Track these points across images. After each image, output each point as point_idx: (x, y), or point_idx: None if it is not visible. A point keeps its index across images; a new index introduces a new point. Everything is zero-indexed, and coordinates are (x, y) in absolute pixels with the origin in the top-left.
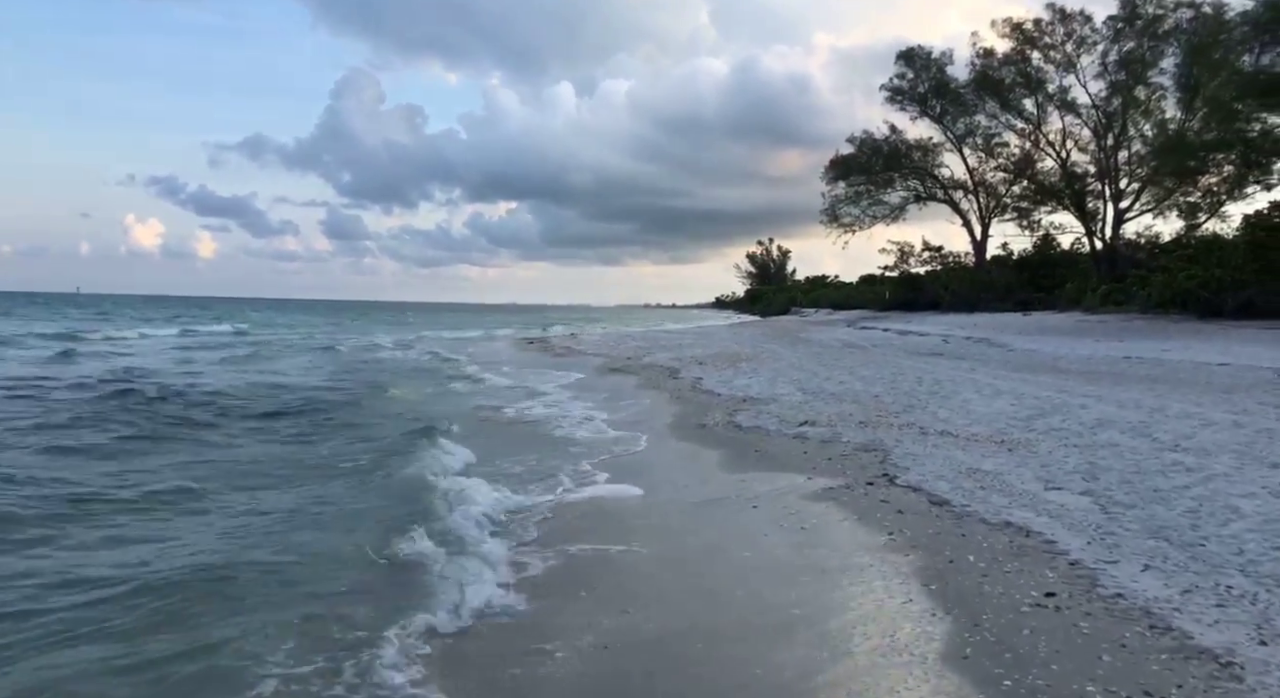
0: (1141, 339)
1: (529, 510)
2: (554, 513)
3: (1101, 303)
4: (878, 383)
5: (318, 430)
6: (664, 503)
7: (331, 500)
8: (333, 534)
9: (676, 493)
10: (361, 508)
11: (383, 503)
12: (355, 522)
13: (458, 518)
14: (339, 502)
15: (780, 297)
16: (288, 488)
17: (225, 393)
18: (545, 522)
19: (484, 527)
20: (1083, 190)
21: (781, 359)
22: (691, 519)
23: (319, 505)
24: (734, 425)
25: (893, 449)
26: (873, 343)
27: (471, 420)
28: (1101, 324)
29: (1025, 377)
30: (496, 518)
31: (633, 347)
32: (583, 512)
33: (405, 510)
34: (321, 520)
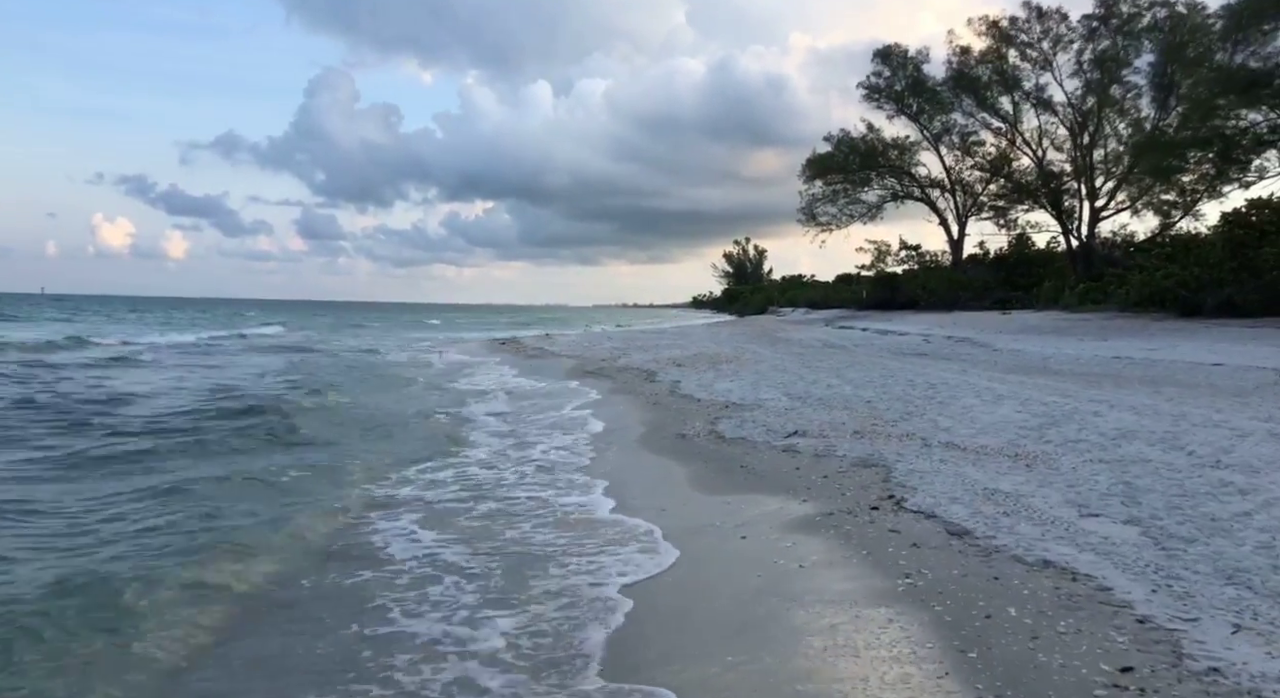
0: (1125, 338)
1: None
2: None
3: (1079, 302)
4: (868, 387)
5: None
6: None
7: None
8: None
9: (652, 519)
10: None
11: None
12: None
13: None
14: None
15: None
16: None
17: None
18: (496, 555)
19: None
20: (1059, 189)
21: (763, 361)
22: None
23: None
24: (716, 436)
25: (895, 465)
26: (854, 343)
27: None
28: (1082, 323)
29: (1021, 379)
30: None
31: (608, 348)
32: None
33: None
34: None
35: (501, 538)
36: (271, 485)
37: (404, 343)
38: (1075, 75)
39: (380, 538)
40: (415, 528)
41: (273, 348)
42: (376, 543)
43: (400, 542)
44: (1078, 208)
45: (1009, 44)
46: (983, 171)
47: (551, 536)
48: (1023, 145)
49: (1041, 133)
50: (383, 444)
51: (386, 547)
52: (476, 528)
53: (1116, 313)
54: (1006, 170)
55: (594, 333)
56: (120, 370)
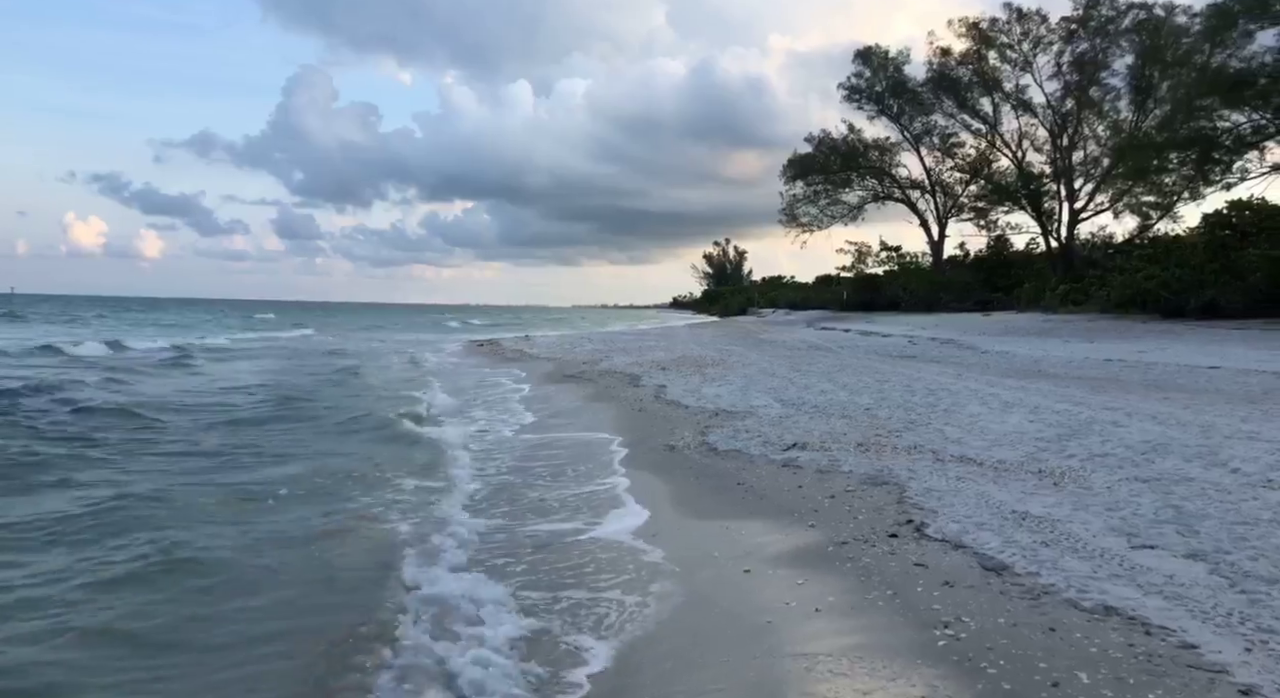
0: (1112, 340)
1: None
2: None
3: (1060, 303)
4: (864, 392)
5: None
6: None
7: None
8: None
9: (643, 547)
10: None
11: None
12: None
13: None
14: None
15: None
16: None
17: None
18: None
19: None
20: (1038, 190)
21: (751, 364)
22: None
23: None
24: (707, 448)
25: (908, 483)
26: (839, 344)
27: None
28: (1065, 324)
29: (1022, 384)
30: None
31: (589, 350)
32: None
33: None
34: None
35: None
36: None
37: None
38: (1055, 77)
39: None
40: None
41: (333, 352)
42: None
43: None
44: (1057, 209)
45: (989, 45)
46: (963, 173)
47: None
48: (1002, 147)
49: (1021, 134)
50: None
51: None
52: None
53: (1098, 314)
54: (986, 172)
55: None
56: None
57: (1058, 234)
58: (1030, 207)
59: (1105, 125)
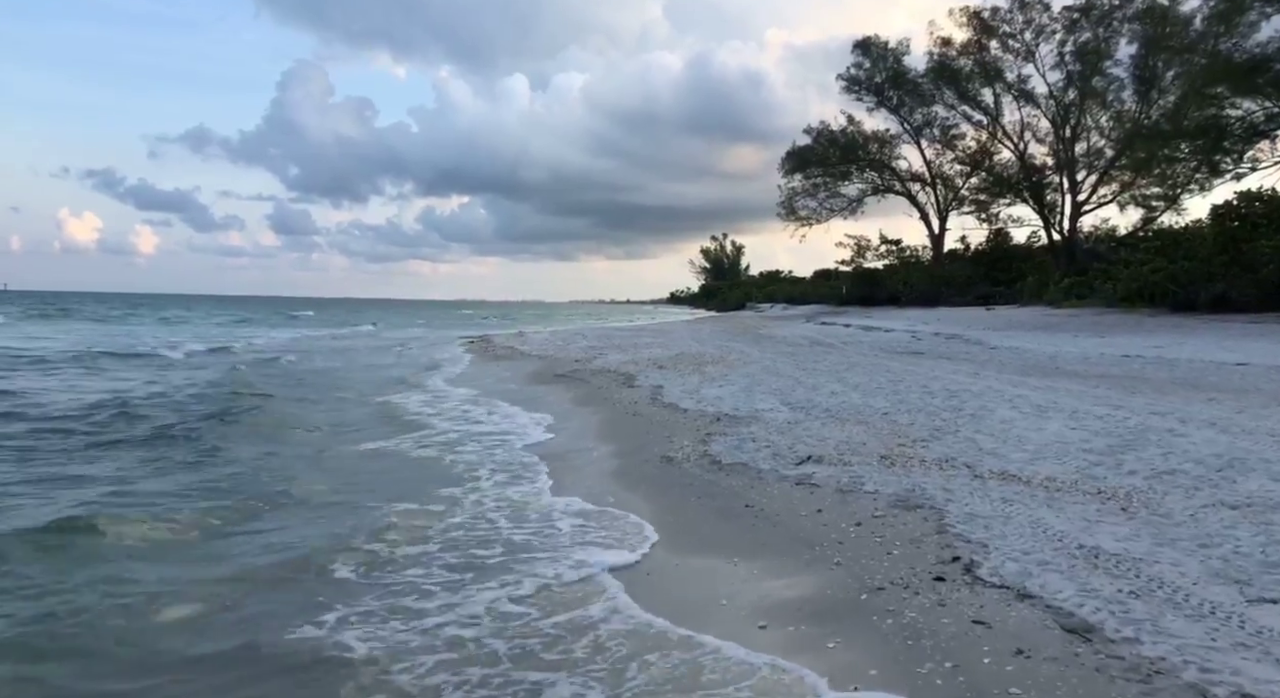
0: (1124, 335)
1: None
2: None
3: (1064, 297)
4: (878, 394)
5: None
6: (606, 620)
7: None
8: None
9: (632, 595)
10: None
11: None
12: None
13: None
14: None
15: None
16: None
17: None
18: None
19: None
20: (1040, 182)
21: (752, 361)
22: (649, 669)
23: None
24: (710, 460)
25: (945, 506)
26: (841, 340)
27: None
28: (1071, 319)
29: (1048, 384)
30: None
31: (583, 347)
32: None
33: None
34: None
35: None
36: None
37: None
38: (1057, 67)
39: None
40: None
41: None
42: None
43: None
44: (1060, 201)
45: (990, 35)
46: (963, 165)
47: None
48: (1004, 138)
49: (1023, 125)
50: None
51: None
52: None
53: (1104, 308)
54: (987, 164)
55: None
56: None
57: (1060, 227)
58: (1032, 199)
59: (1109, 116)
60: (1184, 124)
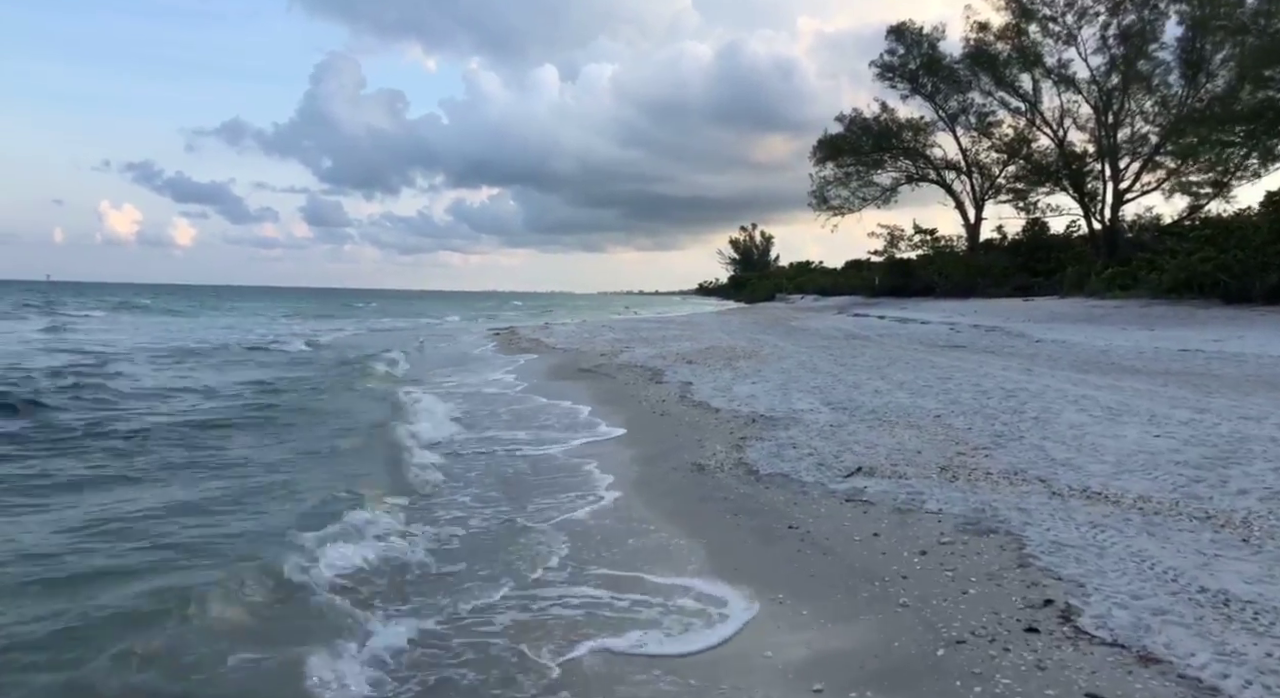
0: (1175, 328)
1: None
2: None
3: (1106, 288)
4: (926, 393)
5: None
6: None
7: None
8: None
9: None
10: None
11: None
12: None
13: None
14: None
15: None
16: None
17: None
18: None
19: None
20: (1081, 170)
21: (786, 356)
22: None
23: None
24: (746, 469)
25: (1023, 531)
26: (877, 333)
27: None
28: (1116, 310)
29: (1113, 382)
30: None
31: (609, 339)
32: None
33: None
34: None
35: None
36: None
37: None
38: (1100, 51)
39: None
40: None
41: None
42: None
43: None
44: (1101, 190)
45: (1030, 19)
46: (1000, 153)
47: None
48: (1042, 125)
49: (1063, 112)
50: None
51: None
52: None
53: (1150, 300)
54: (1025, 151)
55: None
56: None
57: (1101, 216)
58: (1072, 187)
59: (1154, 101)
60: (1236, 108)
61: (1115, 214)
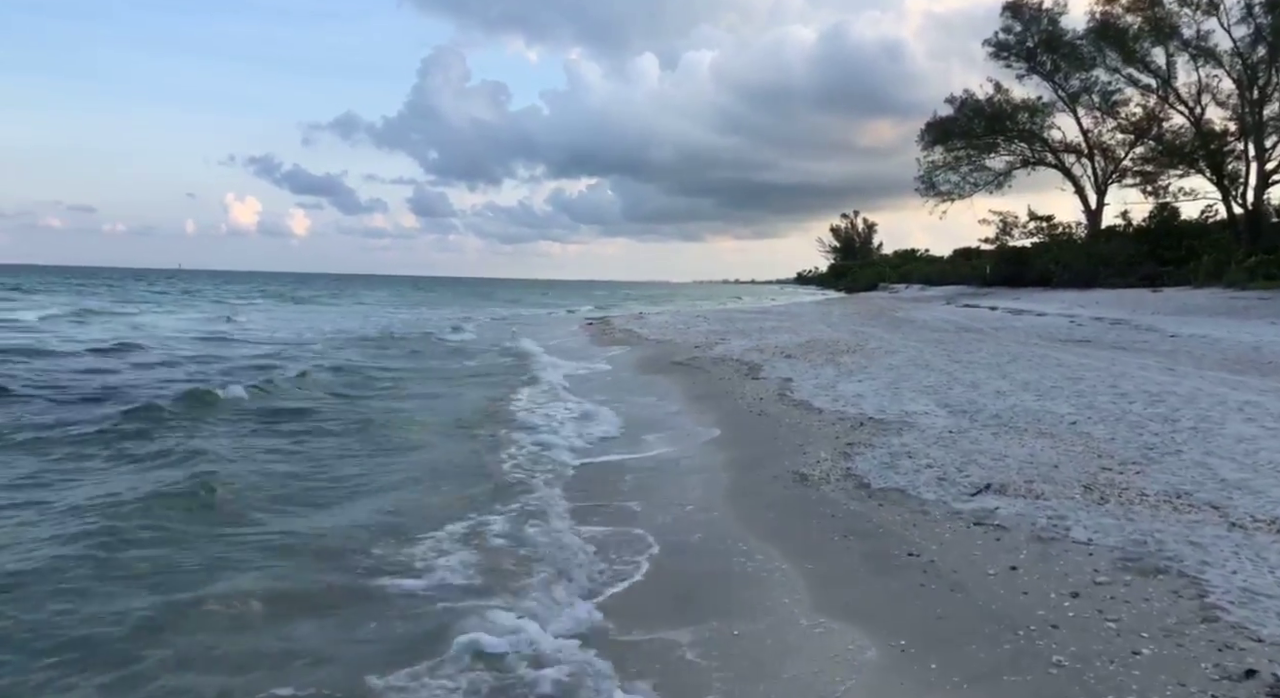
0: None
1: None
2: None
3: (1249, 278)
4: (1056, 395)
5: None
6: None
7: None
8: None
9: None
10: None
11: None
12: None
13: None
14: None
15: (867, 272)
16: None
17: None
18: None
19: None
20: (1220, 150)
21: (895, 351)
22: None
23: None
24: (855, 482)
25: (1200, 572)
26: (990, 325)
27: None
28: (1263, 303)
29: (1276, 385)
30: None
31: (704, 331)
32: None
33: None
34: None
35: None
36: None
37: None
38: (1244, 21)
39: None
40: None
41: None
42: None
43: None
44: (1243, 171)
45: None
46: (1126, 134)
47: None
48: (1176, 103)
49: (1201, 88)
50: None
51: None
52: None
53: None
54: (1156, 131)
55: (691, 312)
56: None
57: (1242, 199)
58: (1209, 169)
59: None
60: None
61: (1260, 197)
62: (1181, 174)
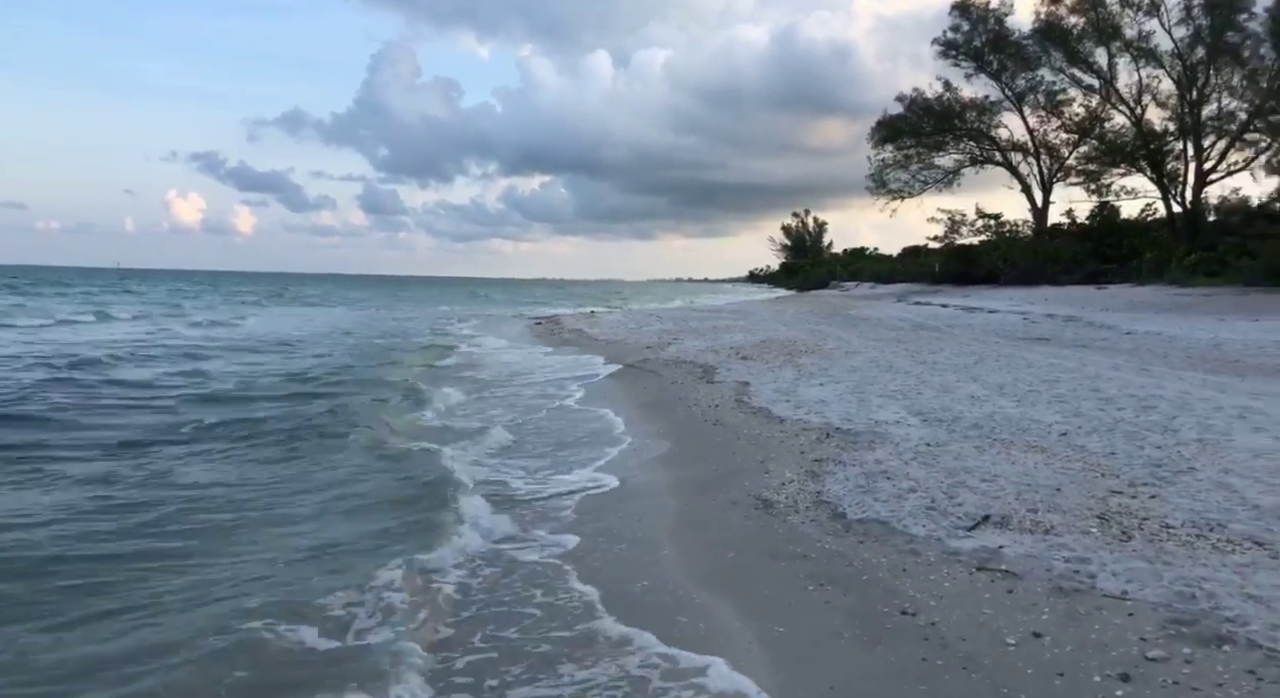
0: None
1: None
2: None
3: (1189, 275)
4: (1036, 401)
5: None
6: None
7: None
8: None
9: None
10: None
11: None
12: None
13: None
14: None
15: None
16: None
17: None
18: None
19: None
20: (1160, 150)
21: (854, 351)
22: None
23: None
24: (829, 511)
25: (1272, 639)
26: (945, 323)
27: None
28: (1207, 299)
29: (1260, 386)
30: None
31: (656, 330)
32: None
33: None
34: None
35: None
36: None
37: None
38: (1184, 22)
39: None
40: None
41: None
42: None
43: None
44: (1182, 171)
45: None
46: (1070, 133)
47: None
48: (1118, 103)
49: (1141, 88)
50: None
51: None
52: None
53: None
54: (1098, 131)
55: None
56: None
57: (1181, 198)
58: (1150, 168)
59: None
60: None
61: (1198, 196)
62: (1123, 173)
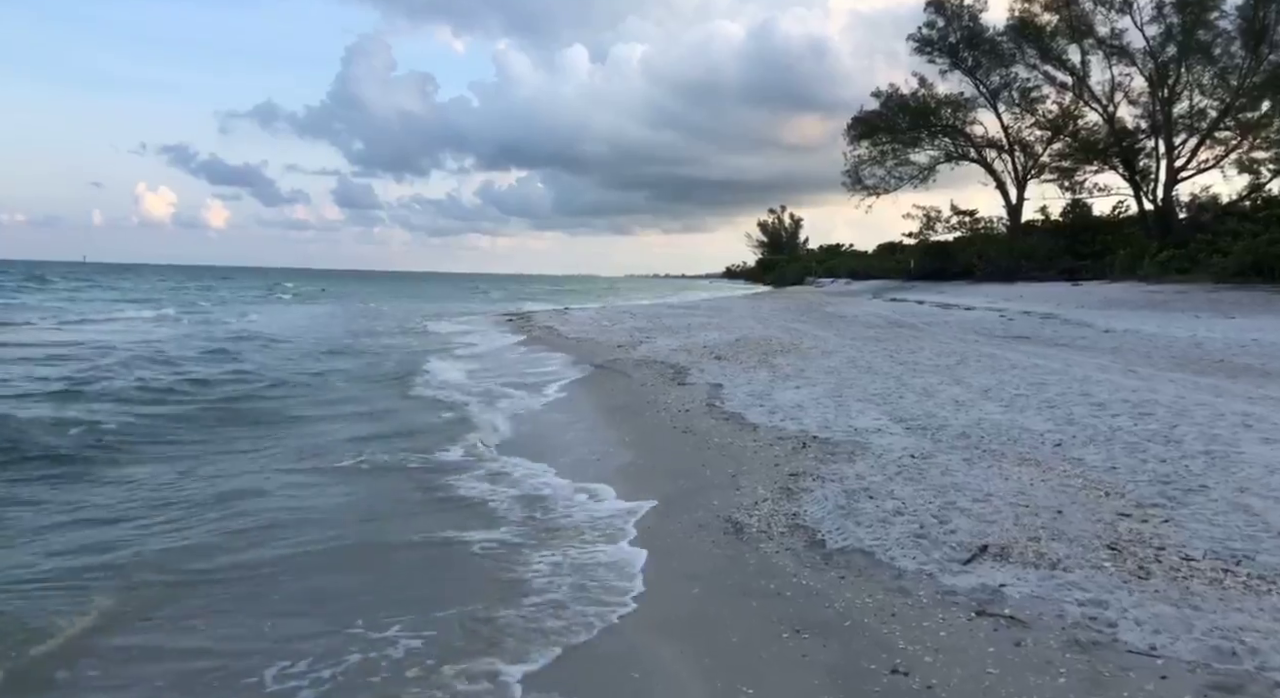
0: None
1: None
2: None
3: (1161, 272)
4: (1024, 405)
5: None
6: None
7: None
8: None
9: None
10: None
11: None
12: None
13: None
14: None
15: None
16: None
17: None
18: None
19: None
20: (1132, 147)
21: (831, 350)
22: None
23: None
24: (806, 537)
25: None
26: (923, 321)
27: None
28: (1180, 296)
29: (1255, 389)
30: None
31: (629, 328)
32: None
33: None
34: None
35: None
36: None
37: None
38: (1155, 20)
39: None
40: None
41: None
42: None
43: None
44: (1153, 168)
45: None
46: (1044, 130)
47: None
48: (1091, 100)
49: (1114, 85)
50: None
51: None
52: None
53: (1214, 284)
54: (1072, 128)
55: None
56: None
57: (1153, 195)
58: (1122, 165)
59: (1213, 73)
60: None
61: (1169, 193)
62: (1096, 170)
